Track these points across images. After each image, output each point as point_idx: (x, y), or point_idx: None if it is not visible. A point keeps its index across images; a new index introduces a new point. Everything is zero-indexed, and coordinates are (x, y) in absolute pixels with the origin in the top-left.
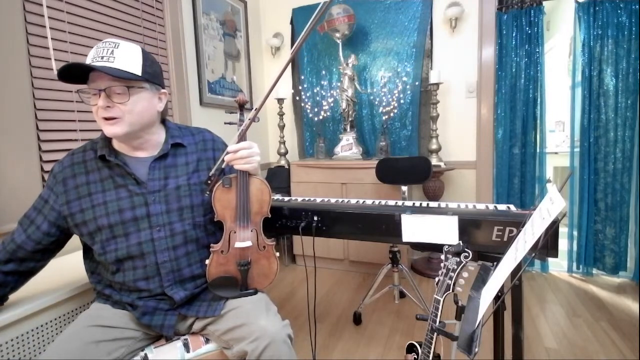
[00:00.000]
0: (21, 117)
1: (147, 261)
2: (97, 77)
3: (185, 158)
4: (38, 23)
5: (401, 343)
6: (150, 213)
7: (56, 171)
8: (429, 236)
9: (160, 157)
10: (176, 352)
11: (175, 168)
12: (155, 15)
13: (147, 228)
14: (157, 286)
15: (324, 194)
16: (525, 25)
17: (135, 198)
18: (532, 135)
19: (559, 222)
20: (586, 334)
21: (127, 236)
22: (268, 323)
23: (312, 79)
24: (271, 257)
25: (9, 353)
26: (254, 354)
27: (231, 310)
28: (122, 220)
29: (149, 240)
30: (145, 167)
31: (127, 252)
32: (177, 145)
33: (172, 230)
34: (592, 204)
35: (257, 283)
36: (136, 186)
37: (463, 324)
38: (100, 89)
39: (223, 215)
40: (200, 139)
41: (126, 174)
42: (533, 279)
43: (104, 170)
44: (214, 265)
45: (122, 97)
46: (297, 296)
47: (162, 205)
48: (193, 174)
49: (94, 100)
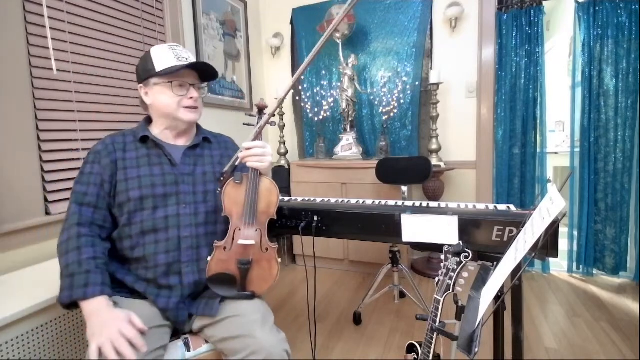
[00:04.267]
0: (21, 117)
1: (170, 234)
2: (186, 74)
3: (210, 152)
4: (38, 23)
5: (401, 343)
6: (179, 191)
7: (100, 149)
8: (429, 236)
9: (192, 146)
10: (177, 351)
11: (203, 158)
12: (155, 15)
13: (175, 204)
14: (175, 260)
15: (324, 194)
16: (525, 25)
17: (168, 177)
18: (532, 135)
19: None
20: (586, 334)
21: (155, 209)
22: (264, 337)
23: (312, 79)
24: (272, 260)
25: (9, 353)
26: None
27: (228, 318)
28: (154, 194)
29: (175, 215)
30: (179, 153)
31: (152, 224)
32: (205, 140)
33: (197, 209)
34: (592, 204)
35: (255, 286)
36: (170, 166)
37: (463, 324)
38: (191, 83)
39: (230, 211)
40: (222, 140)
41: (163, 155)
42: (533, 279)
43: (142, 149)
44: (215, 261)
45: (203, 92)
46: (297, 296)
47: (190, 186)
48: (217, 165)
49: (179, 91)
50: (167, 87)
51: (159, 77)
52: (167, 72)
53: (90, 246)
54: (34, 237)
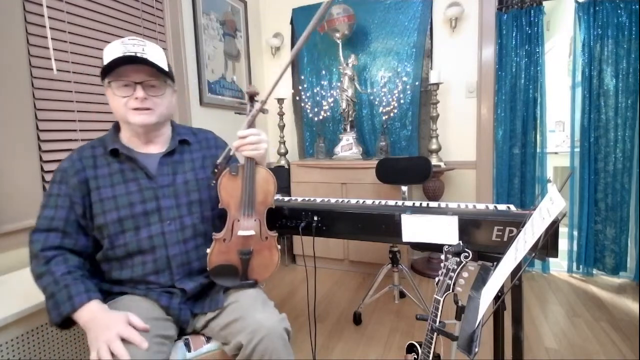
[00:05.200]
0: (21, 117)
1: (158, 254)
2: (132, 71)
3: (190, 155)
4: (38, 23)
5: (401, 343)
6: (161, 207)
7: (66, 166)
8: (429, 236)
9: (168, 153)
10: (177, 352)
11: (183, 164)
12: (155, 15)
13: (158, 222)
14: (167, 280)
15: (324, 194)
16: (525, 25)
17: (146, 192)
18: (532, 135)
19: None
20: (586, 334)
21: (137, 230)
22: (264, 316)
23: (312, 79)
24: (273, 248)
25: (9, 353)
26: (249, 347)
27: (229, 305)
28: (133, 214)
29: (160, 233)
30: (154, 163)
31: (137, 245)
32: (183, 143)
33: (182, 224)
34: (592, 204)
35: (257, 274)
36: (147, 180)
37: (463, 324)
38: (137, 81)
39: (228, 203)
40: (202, 137)
41: (137, 168)
42: (533, 279)
43: (114, 164)
44: (215, 254)
45: (157, 90)
46: (297, 296)
47: (172, 199)
48: (200, 169)
49: (125, 91)
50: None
51: (107, 76)
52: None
53: (62, 263)
54: None
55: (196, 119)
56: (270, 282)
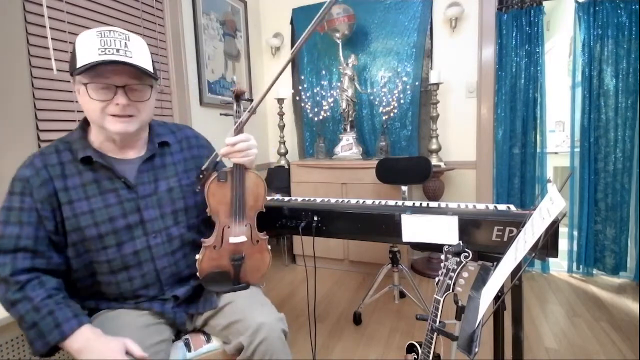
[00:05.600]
0: (21, 116)
1: (146, 269)
2: (112, 72)
3: (171, 158)
4: (38, 23)
5: (401, 343)
6: (144, 219)
7: (28, 175)
8: (429, 236)
9: (148, 158)
10: (177, 352)
11: (164, 169)
12: (155, 15)
13: (142, 235)
14: (157, 292)
15: (324, 194)
16: (525, 25)
17: (127, 204)
18: (532, 135)
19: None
20: (586, 334)
21: (120, 246)
22: (263, 318)
23: (312, 79)
24: (264, 250)
25: (9, 353)
26: (250, 347)
27: (228, 305)
28: (114, 229)
29: (146, 247)
30: (133, 170)
31: (121, 262)
32: (162, 145)
33: (169, 235)
34: (592, 204)
35: (250, 277)
36: (126, 190)
37: (463, 324)
38: (118, 85)
39: (217, 210)
40: (182, 136)
41: (115, 178)
42: (533, 279)
43: (87, 173)
44: (205, 261)
45: (140, 95)
46: (297, 296)
47: (156, 209)
48: (182, 174)
49: (104, 94)
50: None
51: (80, 74)
52: (85, 70)
53: (39, 287)
54: None
55: (196, 119)
56: (270, 282)
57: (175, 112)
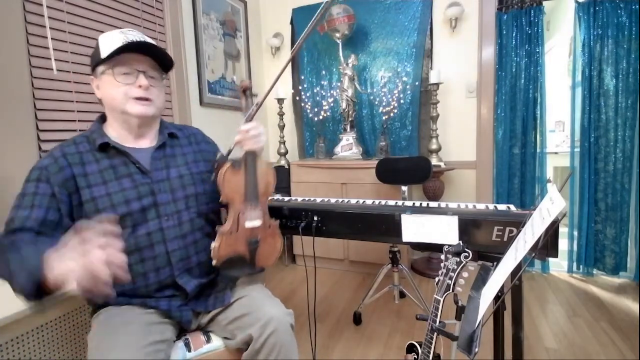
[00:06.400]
0: (21, 116)
1: (157, 251)
2: (134, 60)
3: (180, 149)
4: (38, 23)
5: (401, 343)
6: (157, 202)
7: (46, 163)
8: (429, 236)
9: (160, 147)
10: (177, 352)
11: (175, 158)
12: (155, 15)
13: (155, 218)
14: (167, 276)
15: (324, 194)
16: (525, 25)
17: (141, 188)
18: (532, 135)
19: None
20: (586, 334)
21: (135, 227)
22: (274, 310)
23: (312, 79)
24: (276, 235)
25: (9, 353)
26: (260, 339)
27: (237, 300)
28: (130, 211)
29: (158, 229)
30: (146, 157)
31: (135, 243)
32: (172, 137)
33: (180, 219)
34: (592, 204)
35: (264, 261)
36: (141, 175)
37: (463, 324)
38: (140, 69)
39: (232, 197)
40: (189, 132)
41: (130, 163)
42: (533, 279)
43: (103, 161)
44: (223, 247)
45: (156, 82)
46: (297, 296)
47: (169, 194)
48: (192, 164)
49: (127, 79)
50: (112, 74)
51: (104, 64)
52: (110, 57)
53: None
54: None
55: (196, 119)
56: (270, 282)
57: (175, 112)
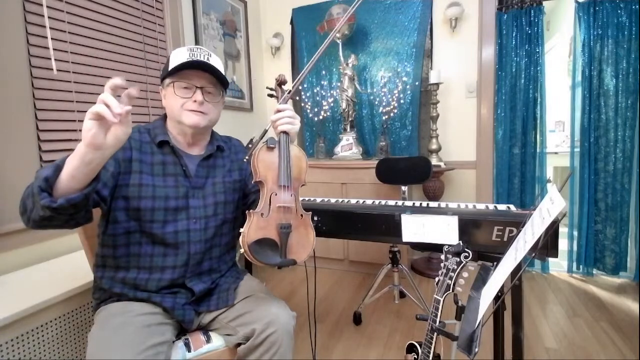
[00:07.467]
0: (21, 116)
1: (180, 250)
2: (195, 76)
3: (222, 161)
4: (38, 23)
5: (401, 343)
6: (189, 205)
7: None
8: (429, 236)
9: (207, 157)
10: (177, 352)
11: (215, 169)
12: (155, 15)
13: (185, 219)
14: (180, 276)
15: (324, 194)
16: (525, 25)
17: (181, 189)
18: (532, 135)
19: (559, 222)
20: (586, 334)
21: (165, 223)
22: (280, 311)
23: (312, 79)
24: (308, 226)
25: (9, 353)
26: (262, 335)
27: (242, 300)
28: (166, 207)
29: (185, 230)
30: (194, 164)
31: (162, 238)
32: (219, 148)
33: (207, 224)
34: (592, 204)
35: (295, 253)
36: (184, 178)
37: (463, 324)
38: (198, 85)
39: (265, 176)
40: (232, 144)
41: (179, 164)
42: (533, 279)
43: (158, 155)
44: (253, 229)
45: (213, 97)
46: (297, 296)
47: (201, 200)
48: (227, 173)
49: (185, 93)
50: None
51: (170, 77)
52: (173, 72)
53: None
54: (34, 237)
55: None
56: (270, 282)
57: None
